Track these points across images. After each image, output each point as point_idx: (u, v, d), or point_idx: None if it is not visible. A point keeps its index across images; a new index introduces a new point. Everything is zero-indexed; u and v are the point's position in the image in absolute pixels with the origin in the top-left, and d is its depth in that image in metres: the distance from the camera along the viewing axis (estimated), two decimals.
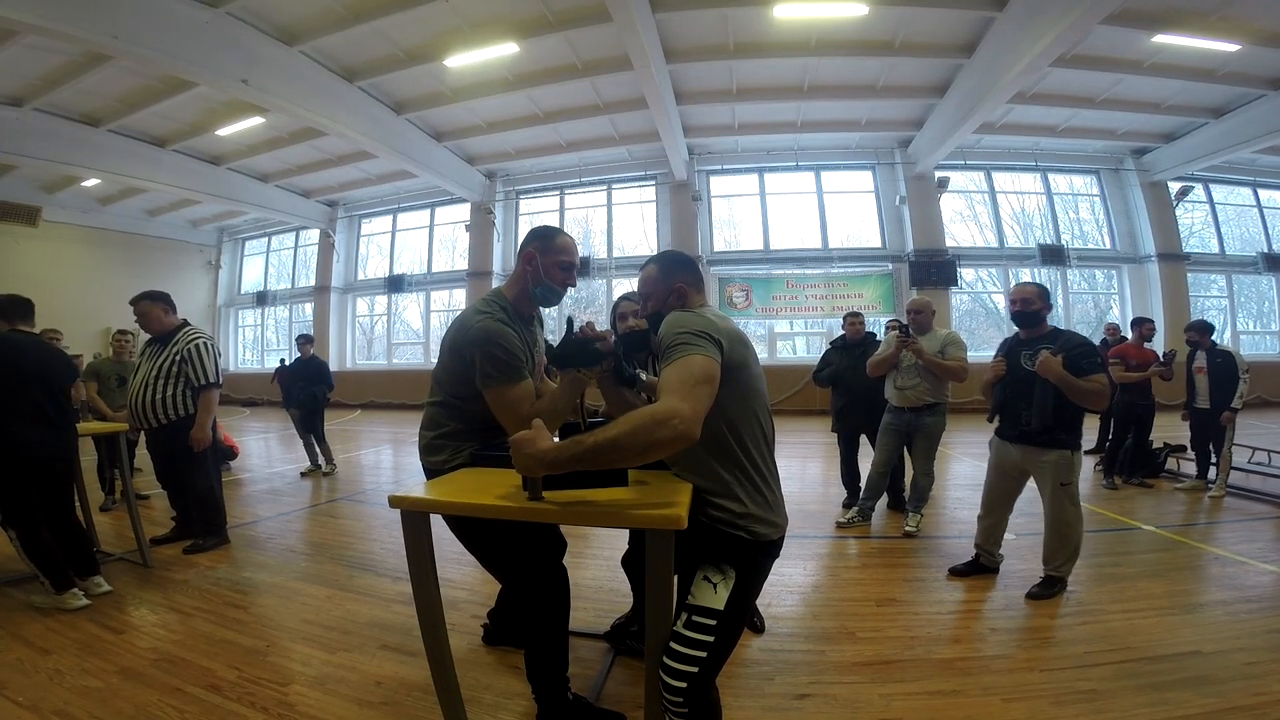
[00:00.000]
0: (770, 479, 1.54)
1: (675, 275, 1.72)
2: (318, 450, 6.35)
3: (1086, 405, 2.75)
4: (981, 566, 3.18)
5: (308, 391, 6.27)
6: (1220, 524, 4.20)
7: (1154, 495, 5.05)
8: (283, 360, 7.20)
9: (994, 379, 3.08)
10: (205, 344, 3.59)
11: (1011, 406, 2.98)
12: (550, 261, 1.94)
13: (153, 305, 3.58)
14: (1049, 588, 2.87)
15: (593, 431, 1.29)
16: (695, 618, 1.39)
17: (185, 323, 3.70)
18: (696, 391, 1.31)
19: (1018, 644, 2.44)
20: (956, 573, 3.19)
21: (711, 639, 1.37)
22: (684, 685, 1.33)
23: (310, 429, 6.30)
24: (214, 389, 3.59)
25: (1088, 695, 2.02)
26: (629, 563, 2.30)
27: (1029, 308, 2.97)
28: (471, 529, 1.78)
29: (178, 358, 3.50)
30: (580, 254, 13.68)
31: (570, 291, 2.05)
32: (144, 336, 3.71)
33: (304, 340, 6.64)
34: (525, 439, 1.34)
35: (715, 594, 1.41)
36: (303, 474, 6.23)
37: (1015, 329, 3.10)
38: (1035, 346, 2.90)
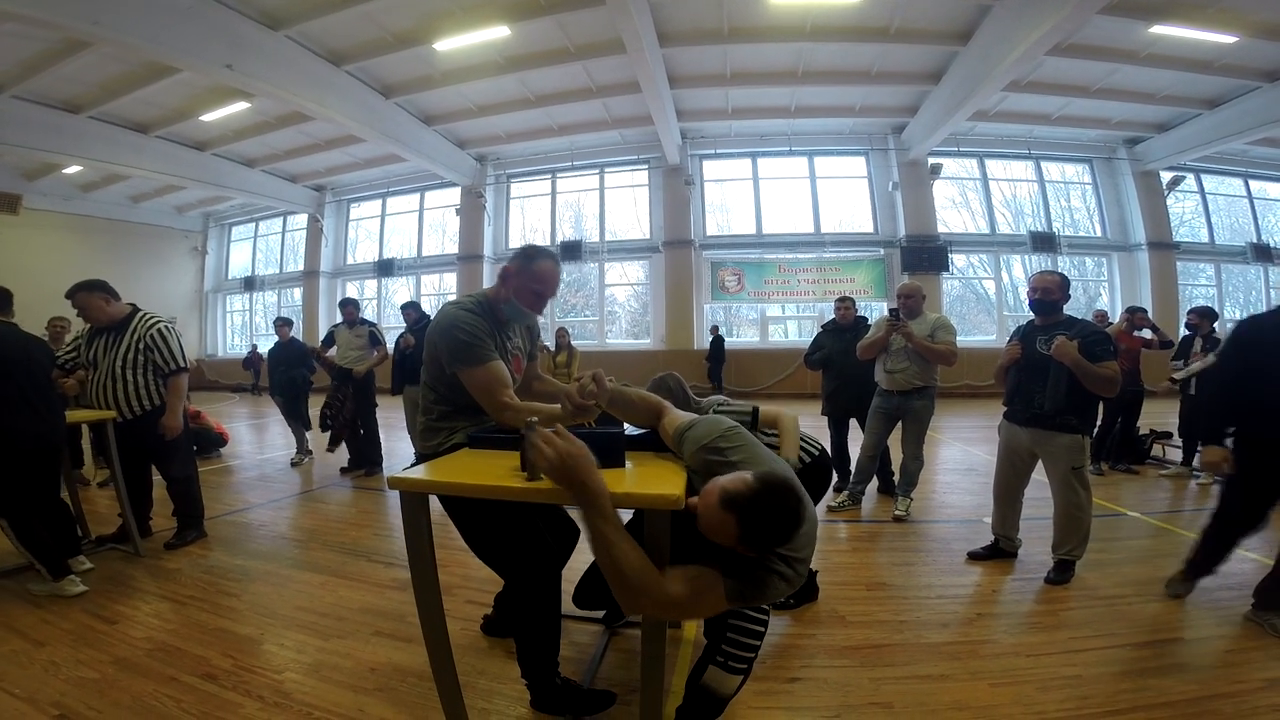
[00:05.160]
0: None
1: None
2: (300, 436, 6.11)
3: (1098, 391, 2.79)
4: (1000, 551, 3.22)
5: (287, 376, 6.00)
6: (1205, 511, 4.24)
7: (1139, 481, 5.12)
8: (254, 346, 6.99)
9: (1008, 363, 3.10)
10: (168, 328, 3.44)
11: (1025, 389, 3.00)
12: (523, 284, 1.97)
13: (90, 295, 3.32)
14: (1064, 572, 2.91)
15: (624, 538, 1.30)
16: None
17: (135, 308, 3.47)
18: (697, 606, 1.39)
19: (1005, 629, 2.48)
20: (975, 557, 3.22)
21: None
22: (763, 629, 1.68)
23: (295, 415, 6.08)
24: (183, 373, 3.45)
25: (1073, 681, 2.06)
26: (585, 596, 2.22)
27: (1049, 297, 3.00)
28: (467, 512, 1.79)
29: (140, 345, 3.33)
30: (572, 238, 13.88)
31: (561, 276, 2.06)
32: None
33: (282, 323, 6.28)
34: (583, 457, 1.30)
35: None
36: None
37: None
38: (1051, 332, 2.93)
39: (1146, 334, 5.76)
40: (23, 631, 2.45)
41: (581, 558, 2.23)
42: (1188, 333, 5.34)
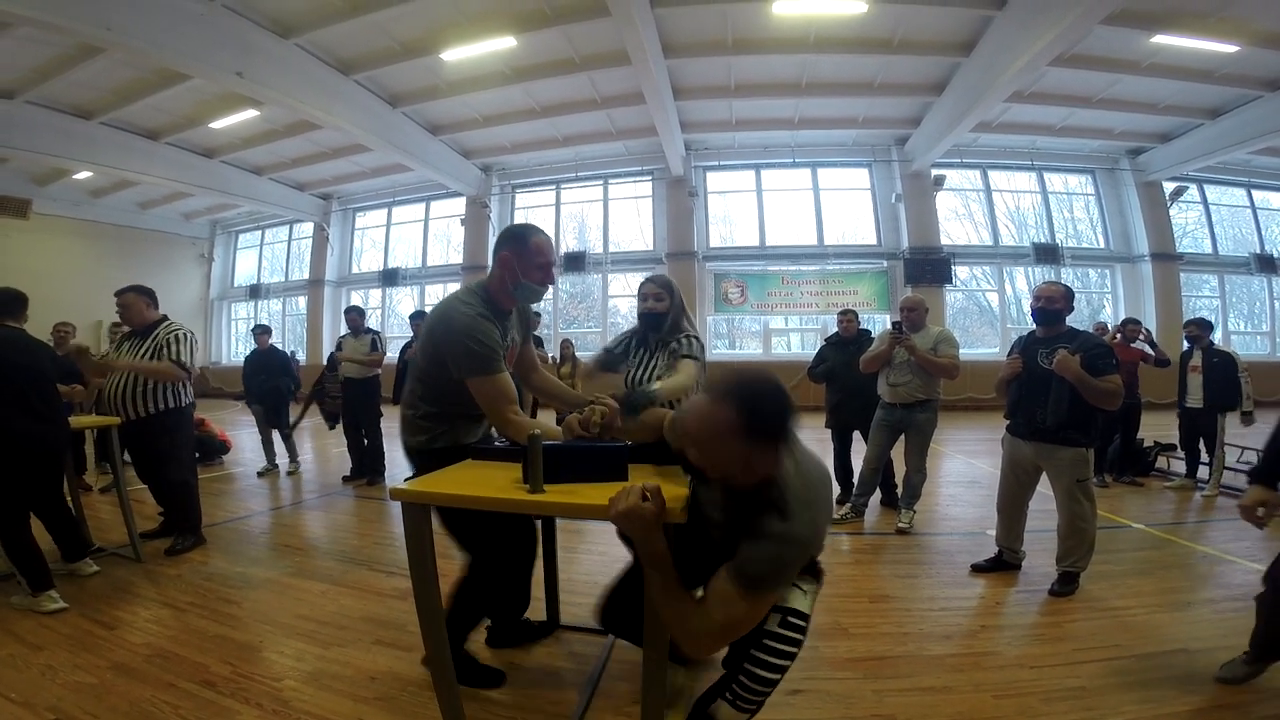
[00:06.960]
0: None
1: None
2: (284, 448, 6.07)
3: (1100, 404, 2.76)
4: (1004, 563, 3.19)
5: (268, 385, 5.92)
6: (1209, 522, 4.24)
7: (1144, 494, 5.10)
8: (292, 352, 6.98)
9: (1009, 376, 3.07)
10: (183, 334, 3.59)
11: (1027, 404, 2.98)
12: (528, 263, 1.98)
13: (138, 298, 3.59)
14: (1068, 584, 2.89)
15: (677, 591, 1.31)
16: (790, 618, 1.43)
17: (165, 317, 3.69)
18: (724, 640, 1.35)
19: (1008, 641, 2.46)
20: (979, 569, 3.20)
21: (803, 637, 1.44)
22: (778, 678, 1.42)
23: (276, 425, 6.02)
24: (177, 367, 3.51)
25: (1076, 692, 2.04)
26: (612, 616, 1.91)
27: (1052, 306, 2.97)
28: (457, 515, 1.83)
29: (156, 349, 3.49)
30: (576, 249, 13.91)
31: (565, 287, 2.10)
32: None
33: (261, 330, 6.26)
34: (652, 517, 1.28)
35: (805, 599, 1.47)
36: (259, 473, 5.92)
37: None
38: (1052, 345, 2.90)
39: (1145, 346, 5.73)
40: (20, 636, 2.45)
41: (580, 567, 2.23)
42: (1188, 345, 5.30)
